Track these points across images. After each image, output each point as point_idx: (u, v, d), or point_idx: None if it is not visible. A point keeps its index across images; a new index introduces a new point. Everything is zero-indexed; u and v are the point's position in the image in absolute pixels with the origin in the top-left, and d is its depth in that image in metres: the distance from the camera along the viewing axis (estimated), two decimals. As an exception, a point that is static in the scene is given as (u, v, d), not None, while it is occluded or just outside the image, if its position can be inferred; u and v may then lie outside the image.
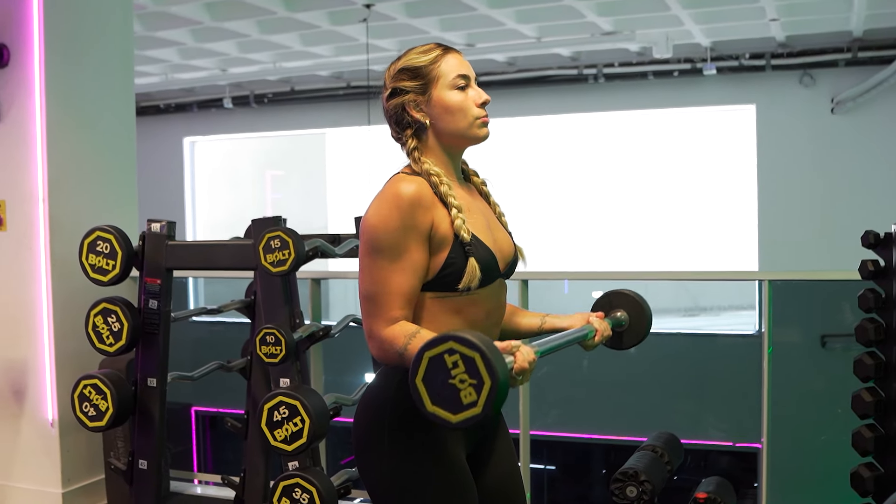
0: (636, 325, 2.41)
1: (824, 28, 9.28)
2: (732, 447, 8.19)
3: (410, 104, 2.06)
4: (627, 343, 2.42)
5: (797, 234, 10.10)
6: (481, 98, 2.08)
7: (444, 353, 1.58)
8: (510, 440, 2.23)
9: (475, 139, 2.09)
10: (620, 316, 2.39)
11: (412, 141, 2.08)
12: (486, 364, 1.56)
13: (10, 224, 4.46)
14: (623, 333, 2.41)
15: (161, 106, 13.10)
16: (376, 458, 2.01)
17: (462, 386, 1.57)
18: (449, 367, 1.58)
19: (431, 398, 1.60)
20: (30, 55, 4.35)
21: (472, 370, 1.56)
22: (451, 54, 2.08)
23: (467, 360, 1.57)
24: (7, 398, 4.53)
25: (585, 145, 11.84)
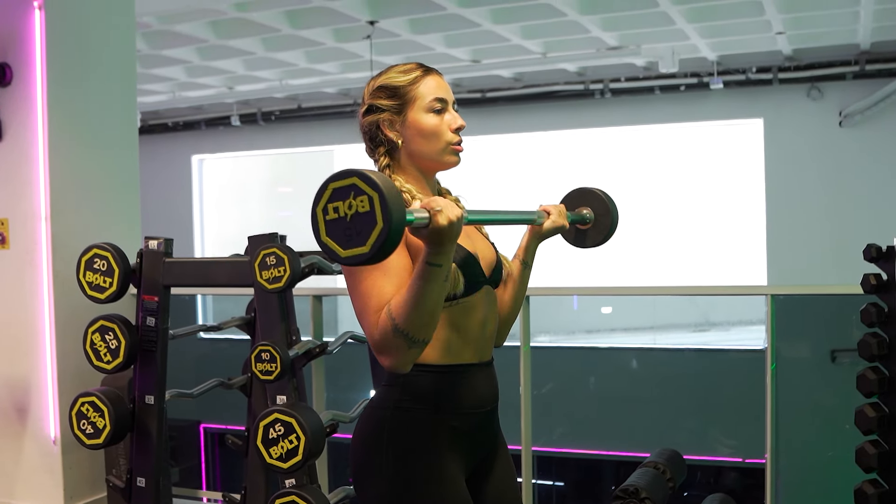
0: (601, 223, 2.38)
1: (831, 41, 9.26)
2: (742, 463, 8.14)
3: (385, 123, 2.04)
4: (591, 240, 2.41)
5: (806, 248, 10.06)
6: (456, 123, 2.05)
7: (349, 187, 1.55)
8: (510, 460, 2.20)
9: (445, 165, 2.08)
10: (586, 214, 2.37)
11: (384, 159, 2.06)
12: (365, 181, 1.54)
13: (12, 242, 4.47)
14: (587, 231, 2.39)
15: (169, 124, 13.17)
16: (373, 478, 1.98)
17: (357, 213, 1.55)
18: (350, 199, 1.55)
19: (341, 245, 1.57)
20: (32, 74, 4.37)
21: (359, 193, 1.54)
22: (432, 76, 2.06)
23: (350, 188, 1.55)
24: (9, 416, 4.54)
25: (592, 161, 11.82)
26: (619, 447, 8.21)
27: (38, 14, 4.35)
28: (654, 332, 11.36)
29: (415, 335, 1.78)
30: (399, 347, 1.80)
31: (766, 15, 7.96)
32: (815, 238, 10.03)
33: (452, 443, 1.97)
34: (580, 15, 7.93)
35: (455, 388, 1.99)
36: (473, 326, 2.02)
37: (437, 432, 1.96)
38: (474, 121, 11.21)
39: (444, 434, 1.97)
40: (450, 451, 1.97)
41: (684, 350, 9.16)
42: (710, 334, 11.67)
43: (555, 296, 5.64)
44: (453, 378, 1.99)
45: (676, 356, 8.96)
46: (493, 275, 2.12)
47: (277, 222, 13.45)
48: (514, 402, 4.22)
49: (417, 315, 1.76)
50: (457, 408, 1.99)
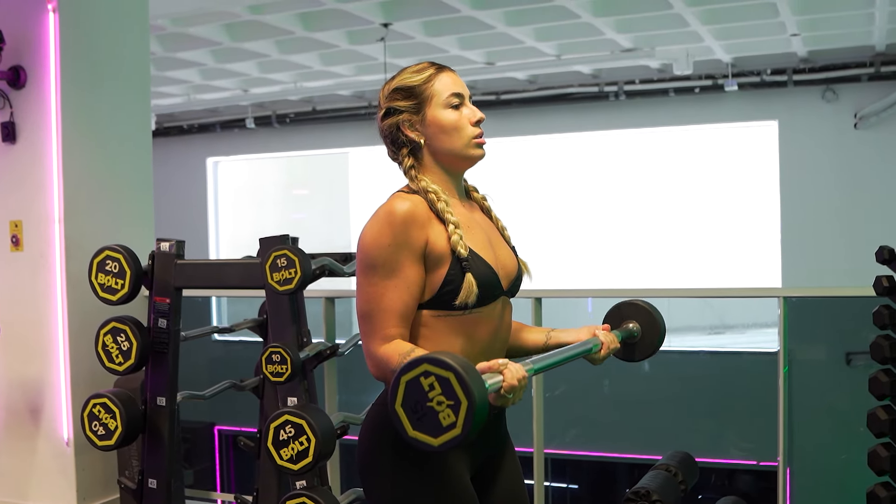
0: (648, 337, 2.34)
1: (846, 43, 9.21)
2: (756, 466, 8.10)
3: (405, 124, 2.05)
4: (640, 355, 2.36)
5: (821, 250, 10.01)
6: (476, 116, 2.07)
7: (420, 375, 1.56)
8: (517, 460, 2.20)
9: (470, 158, 2.08)
10: (632, 327, 2.33)
11: (408, 159, 2.07)
12: (460, 383, 1.53)
13: (26, 244, 4.50)
14: (635, 346, 2.35)
15: (184, 126, 13.21)
16: (380, 478, 1.99)
17: (440, 408, 1.55)
18: (426, 389, 1.56)
19: (412, 423, 1.58)
20: (46, 77, 4.40)
21: (448, 391, 1.54)
22: (445, 73, 2.07)
23: (442, 381, 1.54)
24: (23, 417, 4.56)
25: (607, 163, 11.80)
26: (634, 450, 8.19)
27: (53, 17, 4.38)
28: (670, 334, 11.29)
29: None
30: (386, 376, 1.89)
31: (780, 17, 7.93)
32: (830, 240, 9.97)
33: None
34: (594, 17, 7.91)
35: None
36: (485, 335, 2.02)
37: None
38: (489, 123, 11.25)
39: None
40: (456, 450, 1.97)
41: (699, 352, 9.12)
42: (725, 337, 11.61)
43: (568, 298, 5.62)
44: None
45: (691, 358, 8.92)
46: (511, 286, 2.12)
47: (292, 225, 13.47)
48: (528, 403, 4.22)
49: None
50: None
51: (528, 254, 2.31)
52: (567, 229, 11.76)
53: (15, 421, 4.58)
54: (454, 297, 1.94)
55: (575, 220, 11.80)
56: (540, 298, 4.18)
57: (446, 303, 1.95)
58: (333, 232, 13.10)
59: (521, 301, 4.15)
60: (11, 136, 4.47)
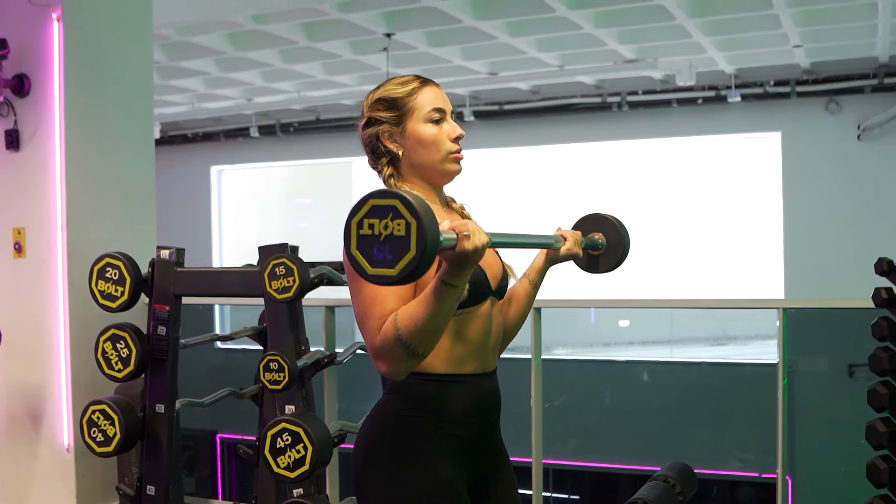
0: (613, 248, 2.39)
1: (849, 54, 9.22)
2: (758, 478, 8.09)
3: (384, 134, 2.07)
4: (603, 266, 2.41)
5: (824, 261, 9.99)
6: (455, 133, 2.08)
7: (367, 214, 1.56)
8: (512, 473, 2.20)
9: (447, 173, 2.09)
10: (597, 238, 2.38)
11: (388, 169, 2.09)
12: (406, 206, 1.52)
13: (28, 251, 4.51)
14: (599, 256, 2.40)
15: (189, 135, 13.25)
16: (374, 485, 1.99)
17: (393, 237, 1.54)
18: (376, 224, 1.55)
19: (370, 262, 1.56)
20: (49, 84, 4.42)
21: (397, 217, 1.53)
22: (429, 87, 2.09)
23: (389, 209, 1.54)
24: (24, 423, 4.57)
25: (610, 174, 11.81)
26: (636, 460, 8.18)
27: (57, 25, 4.40)
28: (672, 345, 11.32)
29: (416, 348, 1.79)
30: (398, 357, 1.81)
31: (783, 28, 7.94)
32: (833, 252, 9.96)
33: (454, 451, 1.98)
34: (596, 28, 7.93)
35: (457, 397, 1.99)
36: (477, 336, 2.03)
37: (439, 440, 1.97)
38: (492, 133, 11.31)
39: (445, 442, 1.97)
40: (451, 459, 1.98)
41: (700, 364, 9.11)
42: (728, 348, 11.60)
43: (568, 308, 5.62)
44: (456, 387, 2.00)
45: (693, 370, 8.92)
46: (499, 287, 2.13)
47: (296, 233, 13.49)
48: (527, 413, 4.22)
49: (424, 329, 1.77)
50: (459, 416, 1.99)
51: (528, 264, 2.33)
52: (569, 239, 11.75)
53: (16, 427, 4.60)
54: None
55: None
56: (539, 308, 4.18)
57: None
58: (337, 241, 13.04)
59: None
60: (15, 144, 4.49)
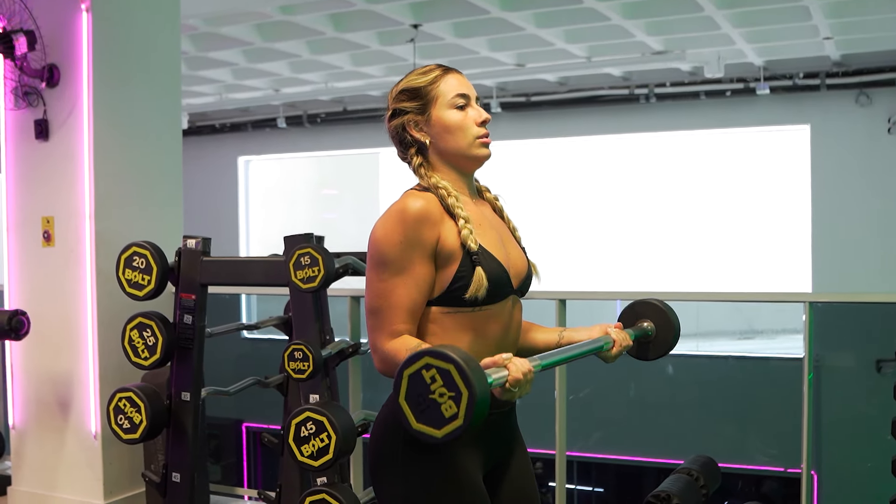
0: (663, 336, 2.33)
1: (880, 46, 9.12)
2: (783, 473, 8.06)
3: (410, 124, 2.08)
4: (653, 354, 2.34)
5: (852, 255, 9.92)
6: (481, 117, 2.08)
7: (422, 368, 1.58)
8: (528, 459, 2.21)
9: (475, 158, 2.09)
10: (647, 326, 2.32)
11: (417, 158, 2.10)
12: (461, 375, 1.55)
13: (57, 239, 4.55)
14: (649, 344, 2.34)
15: (216, 125, 13.32)
16: (391, 477, 2.01)
17: (442, 399, 1.57)
18: (427, 382, 1.58)
19: (416, 416, 1.60)
20: (78, 75, 4.45)
21: (450, 383, 1.56)
22: (451, 74, 2.09)
23: (443, 373, 1.57)
24: (52, 410, 4.62)
25: (637, 166, 11.76)
26: (662, 454, 8.17)
27: (86, 16, 4.43)
28: (699, 339, 11.27)
29: None
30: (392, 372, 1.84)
31: (813, 20, 7.87)
32: (862, 246, 9.88)
33: (469, 441, 1.98)
34: (624, 19, 7.90)
35: None
36: (496, 332, 2.03)
37: None
38: (519, 125, 11.29)
39: None
40: (466, 448, 1.98)
41: (727, 357, 9.08)
42: (755, 342, 11.54)
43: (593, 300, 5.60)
44: None
45: (719, 364, 8.89)
46: (522, 286, 2.13)
47: (323, 224, 13.53)
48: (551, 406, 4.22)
49: None
50: None
51: (554, 255, 2.31)
52: (597, 231, 11.74)
53: (45, 413, 4.65)
54: (464, 292, 1.95)
55: (605, 222, 11.78)
56: (564, 300, 4.16)
57: (456, 299, 1.97)
58: (363, 232, 13.09)
59: (545, 303, 4.15)
60: (45, 134, 4.53)
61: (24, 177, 4.63)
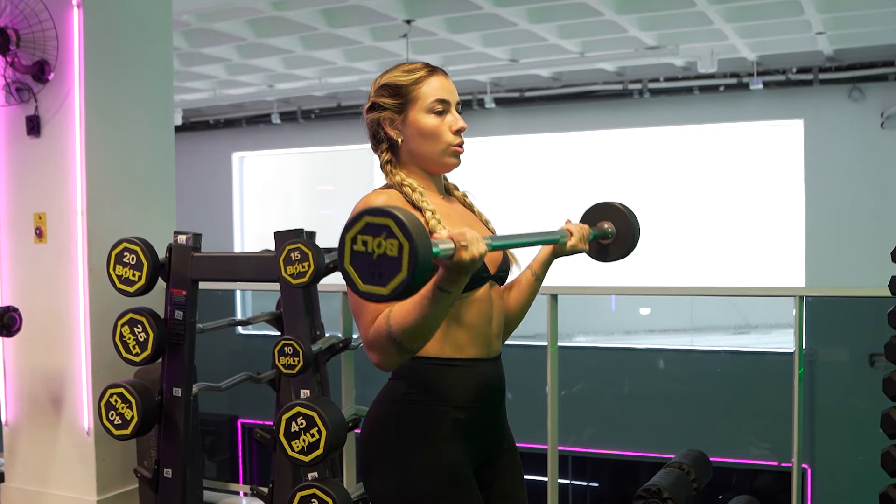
0: (623, 237, 2.35)
1: (873, 41, 9.13)
2: (777, 467, 8.07)
3: (386, 121, 2.07)
4: (613, 255, 2.37)
5: (846, 250, 9.93)
6: (457, 125, 2.07)
7: (362, 229, 1.55)
8: (517, 456, 2.21)
9: (444, 165, 2.10)
10: (606, 227, 2.35)
11: (386, 154, 2.10)
12: (400, 227, 1.52)
13: (49, 236, 4.56)
14: (609, 245, 2.37)
15: (210, 122, 13.30)
16: (381, 473, 2.01)
17: (385, 255, 1.54)
18: (370, 241, 1.55)
19: (362, 279, 1.57)
20: (70, 71, 4.45)
21: (391, 237, 1.53)
22: (436, 76, 2.08)
23: (384, 228, 1.54)
24: (45, 407, 4.62)
25: (631, 161, 11.78)
26: (657, 449, 8.18)
27: (77, 12, 4.43)
28: (693, 334, 11.29)
29: (407, 345, 1.81)
30: (389, 351, 1.84)
31: (805, 15, 7.88)
32: (855, 241, 9.89)
33: (459, 435, 1.99)
34: (617, 14, 7.90)
35: (460, 381, 2.01)
36: (479, 321, 2.03)
37: (443, 425, 1.98)
38: (512, 120, 11.29)
39: (450, 426, 1.98)
40: (456, 442, 1.99)
41: (721, 352, 9.08)
42: (749, 337, 11.56)
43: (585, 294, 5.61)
44: (456, 371, 2.01)
45: (712, 358, 8.89)
46: (498, 271, 2.12)
47: (318, 220, 13.53)
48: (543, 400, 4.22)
49: (415, 330, 1.78)
50: (461, 401, 2.00)
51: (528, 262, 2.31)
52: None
53: (37, 410, 4.65)
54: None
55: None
56: (556, 295, 4.17)
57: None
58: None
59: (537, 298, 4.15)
60: (36, 130, 4.53)
61: (16, 173, 4.64)
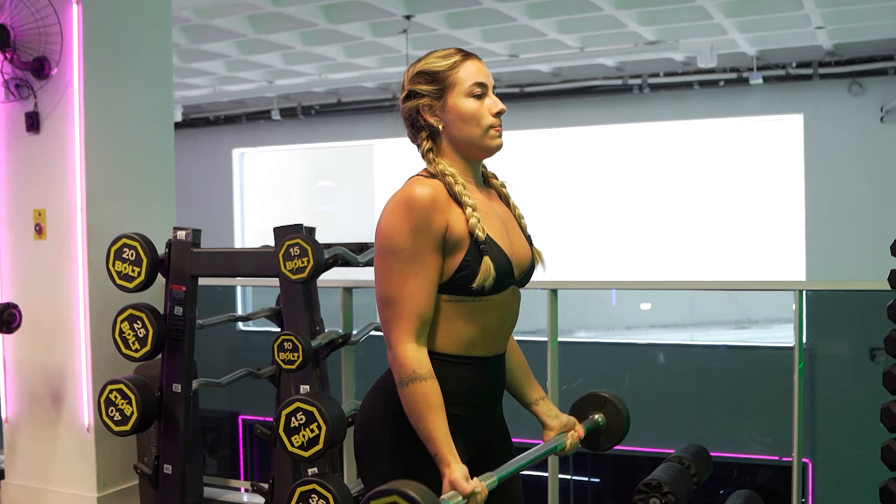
0: (613, 428, 2.41)
1: (872, 36, 9.13)
2: (779, 461, 8.07)
3: (425, 108, 2.06)
4: (604, 445, 2.43)
5: (846, 244, 9.93)
6: (497, 108, 2.06)
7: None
8: (512, 447, 2.22)
9: (487, 149, 2.08)
10: (597, 419, 2.40)
11: (427, 143, 2.08)
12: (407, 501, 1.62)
13: (49, 232, 4.55)
14: (600, 435, 2.42)
15: (210, 118, 13.30)
16: (377, 463, 2.02)
17: None
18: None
19: None
20: (69, 67, 4.44)
21: None
22: (471, 61, 2.07)
23: None
24: (45, 403, 4.62)
25: (631, 156, 11.77)
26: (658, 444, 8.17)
27: (76, 8, 4.42)
28: (694, 328, 11.29)
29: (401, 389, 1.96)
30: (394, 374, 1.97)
31: (805, 9, 7.87)
32: (856, 235, 9.89)
33: (454, 430, 1.98)
34: (616, 9, 7.89)
35: (462, 378, 2.01)
36: (492, 323, 2.04)
37: None
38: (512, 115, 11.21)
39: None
40: (452, 434, 1.98)
41: (721, 347, 9.08)
42: (750, 331, 11.55)
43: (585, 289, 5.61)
44: (462, 369, 2.01)
45: (713, 353, 8.89)
46: (523, 277, 2.13)
47: (318, 216, 13.52)
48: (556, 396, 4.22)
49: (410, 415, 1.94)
50: (461, 397, 2.01)
51: (548, 246, 2.32)
52: (591, 221, 11.75)
53: (38, 407, 4.65)
54: (469, 280, 1.95)
55: (599, 212, 11.79)
56: (556, 290, 4.16)
57: (461, 287, 1.96)
58: (358, 224, 13.12)
59: (537, 293, 4.15)
60: (35, 126, 4.52)
61: (16, 170, 4.64)
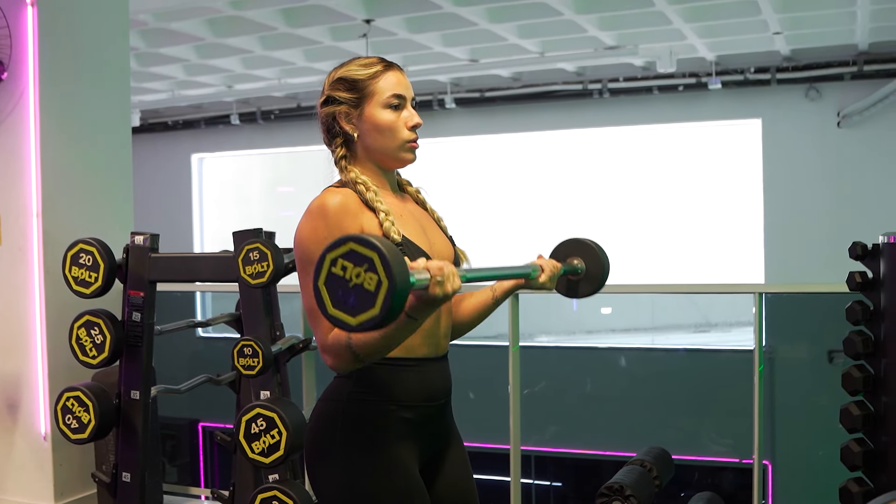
0: (592, 273, 2.35)
1: (829, 41, 9.26)
2: (739, 463, 8.13)
3: (342, 115, 2.06)
4: (583, 291, 2.37)
5: (804, 248, 10.04)
6: (413, 121, 2.06)
7: (344, 254, 1.53)
8: (464, 450, 2.21)
9: (400, 162, 2.09)
10: (576, 264, 2.35)
11: (341, 149, 2.08)
12: (383, 263, 1.50)
13: (4, 237, 4.47)
14: (579, 281, 2.36)
15: (169, 122, 13.20)
16: (328, 470, 2.00)
17: (361, 287, 1.51)
18: (349, 267, 1.52)
19: (332, 301, 1.54)
20: (24, 70, 4.37)
21: (371, 270, 1.51)
22: (392, 71, 2.07)
23: (366, 259, 1.51)
24: (1, 411, 4.54)
25: (591, 160, 11.83)
26: (620, 447, 8.21)
27: (31, 11, 4.35)
28: (654, 332, 11.36)
29: (365, 358, 1.82)
30: (346, 358, 1.84)
31: (762, 15, 7.96)
32: (813, 238, 10.01)
33: (405, 434, 1.99)
34: (576, 14, 7.93)
35: (408, 380, 2.00)
36: (428, 322, 2.01)
37: (389, 423, 1.98)
38: (473, 120, 11.29)
39: (396, 425, 1.98)
40: (402, 440, 1.99)
41: (681, 350, 9.15)
42: (710, 335, 11.64)
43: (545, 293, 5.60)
44: (406, 371, 2.00)
45: (673, 357, 8.95)
46: None
47: (278, 221, 13.42)
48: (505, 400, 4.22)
49: (376, 348, 1.79)
50: (409, 400, 2.00)
51: (510, 250, 2.30)
52: (550, 226, 11.78)
53: (-8, 415, 4.57)
54: None
55: (558, 217, 11.82)
56: (517, 295, 4.16)
57: None
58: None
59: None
60: (-11, 130, 4.45)
61: (-31, 174, 4.55)
